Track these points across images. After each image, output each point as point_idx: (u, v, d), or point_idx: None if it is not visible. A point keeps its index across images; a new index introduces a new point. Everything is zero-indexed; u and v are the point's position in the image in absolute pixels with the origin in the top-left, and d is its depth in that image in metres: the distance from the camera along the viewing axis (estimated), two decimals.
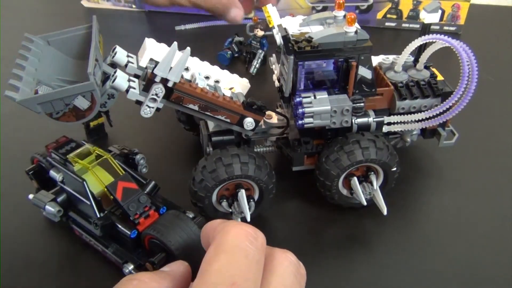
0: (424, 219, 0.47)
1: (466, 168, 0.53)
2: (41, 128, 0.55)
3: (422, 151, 0.55)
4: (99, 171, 0.41)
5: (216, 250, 0.23)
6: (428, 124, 0.45)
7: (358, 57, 0.43)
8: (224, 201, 0.44)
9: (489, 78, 0.68)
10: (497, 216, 0.47)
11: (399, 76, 0.48)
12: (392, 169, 0.45)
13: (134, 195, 0.40)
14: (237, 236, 0.24)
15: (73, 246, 0.44)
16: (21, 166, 0.47)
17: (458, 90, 0.42)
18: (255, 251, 0.24)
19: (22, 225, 0.46)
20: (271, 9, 0.47)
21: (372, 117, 0.46)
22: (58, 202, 0.42)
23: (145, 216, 0.40)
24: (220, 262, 0.23)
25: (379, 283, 0.41)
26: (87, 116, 0.51)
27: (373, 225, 0.47)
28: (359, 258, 0.43)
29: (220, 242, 0.24)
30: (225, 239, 0.24)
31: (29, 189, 0.47)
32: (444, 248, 0.44)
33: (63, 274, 0.42)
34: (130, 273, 0.39)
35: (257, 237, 0.24)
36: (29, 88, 0.41)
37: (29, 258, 0.43)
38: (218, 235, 0.24)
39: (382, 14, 0.82)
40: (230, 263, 0.23)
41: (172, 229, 0.38)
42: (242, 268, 0.23)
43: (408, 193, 0.50)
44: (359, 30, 0.42)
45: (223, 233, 0.24)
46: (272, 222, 0.47)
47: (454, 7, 0.78)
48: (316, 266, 0.42)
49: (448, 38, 0.41)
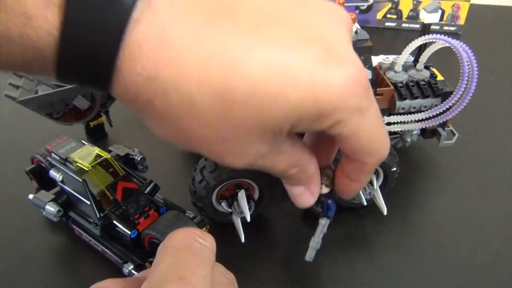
0: (424, 219, 0.47)
1: (466, 168, 0.53)
2: (41, 128, 0.56)
3: (422, 151, 0.55)
4: (99, 171, 0.41)
5: (163, 252, 0.23)
6: (428, 124, 0.45)
7: None
8: (224, 201, 0.44)
9: (489, 78, 0.68)
10: (498, 216, 0.47)
11: (399, 76, 0.48)
12: (392, 169, 0.45)
13: (134, 195, 0.41)
14: (184, 237, 0.24)
15: (73, 246, 0.44)
16: (21, 166, 0.47)
17: (458, 90, 0.42)
18: (203, 249, 0.23)
19: (22, 225, 0.46)
20: None
21: None
22: (58, 202, 0.42)
23: (145, 216, 0.40)
24: (168, 261, 0.22)
25: (379, 283, 0.41)
26: (87, 116, 0.51)
27: (373, 225, 0.47)
28: (359, 258, 0.43)
29: (166, 244, 0.24)
30: (171, 241, 0.24)
31: (29, 189, 0.47)
32: (444, 248, 0.44)
33: (63, 274, 0.42)
34: (130, 273, 0.39)
35: (206, 237, 0.24)
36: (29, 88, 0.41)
37: (28, 258, 0.43)
38: (165, 240, 0.24)
39: (382, 14, 0.82)
40: (178, 260, 0.22)
41: (172, 229, 0.37)
42: (191, 264, 0.22)
43: (408, 193, 0.50)
44: (359, 30, 0.42)
45: (169, 237, 0.24)
46: (272, 222, 0.47)
47: (454, 7, 0.78)
48: (316, 266, 0.42)
49: (448, 38, 0.41)
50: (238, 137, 0.25)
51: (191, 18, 0.22)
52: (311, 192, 0.32)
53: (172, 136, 0.26)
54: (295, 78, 0.23)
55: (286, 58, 0.23)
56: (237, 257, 0.42)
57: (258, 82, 0.23)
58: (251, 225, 0.43)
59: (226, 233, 0.44)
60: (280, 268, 0.41)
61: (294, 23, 0.24)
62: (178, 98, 0.23)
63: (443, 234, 0.46)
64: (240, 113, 0.23)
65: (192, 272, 0.22)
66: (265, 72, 0.23)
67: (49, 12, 0.21)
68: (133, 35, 0.22)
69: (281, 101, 0.23)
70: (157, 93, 0.23)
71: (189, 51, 0.22)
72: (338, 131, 0.25)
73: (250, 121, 0.24)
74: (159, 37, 0.22)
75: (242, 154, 0.26)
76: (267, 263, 0.42)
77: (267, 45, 0.23)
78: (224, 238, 0.38)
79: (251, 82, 0.23)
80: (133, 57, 0.22)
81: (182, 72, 0.22)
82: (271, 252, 0.42)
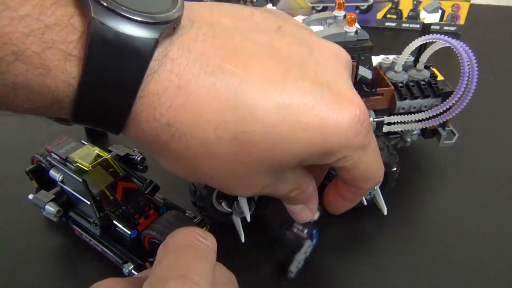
0: (425, 219, 0.47)
1: (466, 168, 0.53)
2: (41, 128, 0.55)
3: (422, 151, 0.55)
4: (99, 171, 0.41)
5: (164, 250, 0.23)
6: (428, 124, 0.45)
7: (358, 57, 0.43)
8: (224, 201, 0.44)
9: (489, 78, 0.68)
10: (498, 216, 0.47)
11: (399, 76, 0.48)
12: (392, 169, 0.45)
13: (134, 195, 0.41)
14: (185, 236, 0.24)
15: (73, 246, 0.44)
16: (21, 166, 0.47)
17: (458, 90, 0.42)
18: (204, 248, 0.24)
19: (22, 225, 0.46)
20: None
21: (372, 117, 0.46)
22: (58, 202, 0.42)
23: (145, 216, 0.40)
24: (169, 259, 0.23)
25: (379, 283, 0.41)
26: None
27: (373, 225, 0.47)
28: (359, 258, 0.43)
29: (168, 243, 0.24)
30: (173, 240, 0.24)
31: (29, 189, 0.47)
32: (444, 248, 0.44)
33: (63, 274, 0.42)
34: (130, 273, 0.39)
35: (207, 236, 0.24)
36: None
37: (28, 258, 0.43)
38: (166, 239, 0.24)
39: (382, 14, 0.82)
40: (179, 258, 0.23)
41: (172, 229, 0.37)
42: (192, 262, 0.22)
43: (408, 193, 0.50)
44: (359, 30, 0.42)
45: (170, 236, 0.24)
46: (272, 222, 0.47)
47: (454, 7, 0.78)
48: (316, 266, 0.42)
49: (448, 38, 0.41)
50: (248, 174, 0.26)
51: (207, 65, 0.23)
52: (310, 209, 0.34)
53: (183, 172, 0.27)
54: (306, 121, 0.24)
55: (298, 103, 0.24)
56: (237, 257, 0.42)
57: (272, 126, 0.24)
58: (251, 225, 0.43)
59: (226, 233, 0.44)
60: (280, 268, 0.41)
61: (304, 69, 0.26)
62: (195, 142, 0.24)
63: (444, 234, 0.46)
64: (253, 154, 0.25)
65: (193, 270, 0.22)
66: (279, 116, 0.24)
67: (68, 63, 0.21)
68: (151, 84, 0.23)
69: (293, 143, 0.25)
70: (174, 137, 0.24)
71: (206, 98, 0.23)
72: (342, 165, 0.27)
73: (262, 161, 0.25)
74: (176, 85, 0.23)
75: (250, 186, 0.28)
76: (267, 263, 0.42)
77: (279, 91, 0.24)
78: (224, 238, 0.38)
79: (265, 126, 0.24)
80: (152, 106, 0.23)
81: (200, 118, 0.23)
82: (271, 252, 0.42)
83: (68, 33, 0.21)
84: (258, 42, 0.25)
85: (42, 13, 0.20)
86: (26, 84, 0.21)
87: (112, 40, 0.21)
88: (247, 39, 0.25)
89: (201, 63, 0.23)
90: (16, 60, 0.20)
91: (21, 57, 0.20)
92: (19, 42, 0.20)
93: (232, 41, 0.25)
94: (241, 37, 0.25)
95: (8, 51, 0.20)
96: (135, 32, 0.21)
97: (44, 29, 0.20)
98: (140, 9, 0.22)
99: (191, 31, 0.24)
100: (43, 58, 0.21)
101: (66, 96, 0.22)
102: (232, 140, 0.24)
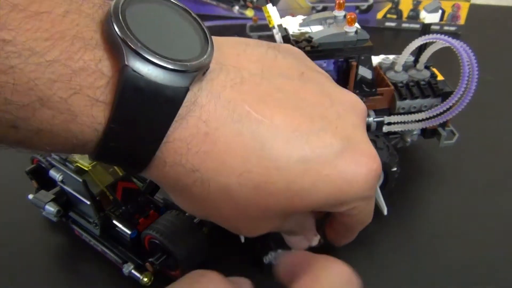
0: (425, 219, 0.47)
1: (467, 168, 0.53)
2: None
3: (422, 151, 0.55)
4: (99, 171, 0.41)
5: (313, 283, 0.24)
6: (428, 124, 0.45)
7: (358, 57, 0.43)
8: None
9: (489, 78, 0.68)
10: (499, 216, 0.47)
11: (399, 76, 0.48)
12: (392, 169, 0.45)
13: (134, 195, 0.40)
14: (338, 275, 0.25)
15: (73, 246, 0.44)
16: (21, 166, 0.47)
17: (458, 90, 0.42)
18: None
19: (22, 225, 0.46)
20: (271, 9, 0.47)
21: (372, 117, 0.46)
22: (58, 202, 0.42)
23: (145, 216, 0.40)
24: None
25: (379, 283, 0.41)
26: None
27: (373, 225, 0.46)
28: (359, 258, 0.43)
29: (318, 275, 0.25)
30: (325, 275, 0.25)
31: (29, 189, 0.47)
32: (445, 248, 0.44)
33: (63, 274, 0.42)
34: (130, 273, 0.38)
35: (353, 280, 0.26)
36: None
37: (28, 258, 0.43)
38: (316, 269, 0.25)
39: (382, 14, 0.82)
40: None
41: (172, 229, 0.38)
42: None
43: (408, 193, 0.50)
44: (360, 30, 0.42)
45: (323, 269, 0.25)
46: None
47: (454, 7, 0.78)
48: None
49: (448, 38, 0.41)
50: (261, 218, 0.27)
51: (234, 113, 0.24)
52: (308, 239, 0.36)
53: (199, 212, 0.28)
54: (326, 174, 0.25)
55: (319, 156, 0.25)
56: (237, 257, 0.42)
57: (293, 178, 0.25)
58: None
59: (226, 233, 0.44)
60: None
61: (326, 121, 0.26)
62: (217, 187, 0.24)
63: (444, 234, 0.46)
64: (272, 202, 0.25)
65: None
66: (301, 169, 0.25)
67: (94, 109, 0.21)
68: (178, 130, 0.23)
69: (312, 194, 0.26)
70: (196, 181, 0.24)
71: (232, 146, 0.24)
72: (347, 213, 0.29)
73: (278, 208, 0.26)
74: (204, 132, 0.23)
75: (259, 228, 0.29)
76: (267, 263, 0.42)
77: (302, 143, 0.25)
78: (224, 238, 0.38)
79: (287, 178, 0.25)
80: (178, 152, 0.23)
81: (224, 165, 0.24)
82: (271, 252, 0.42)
83: (96, 79, 0.20)
84: (283, 89, 0.26)
85: (70, 58, 0.20)
86: (50, 129, 0.21)
87: (143, 88, 0.21)
88: (273, 86, 0.26)
89: (229, 109, 0.24)
90: (42, 107, 0.20)
91: (47, 103, 0.20)
92: (45, 88, 0.19)
93: (259, 88, 0.25)
94: (267, 83, 0.26)
95: (35, 97, 0.19)
96: (167, 81, 0.21)
97: (71, 74, 0.20)
98: (171, 56, 0.21)
99: (220, 77, 0.24)
100: (69, 103, 0.20)
101: (90, 140, 0.22)
102: (253, 188, 0.24)
